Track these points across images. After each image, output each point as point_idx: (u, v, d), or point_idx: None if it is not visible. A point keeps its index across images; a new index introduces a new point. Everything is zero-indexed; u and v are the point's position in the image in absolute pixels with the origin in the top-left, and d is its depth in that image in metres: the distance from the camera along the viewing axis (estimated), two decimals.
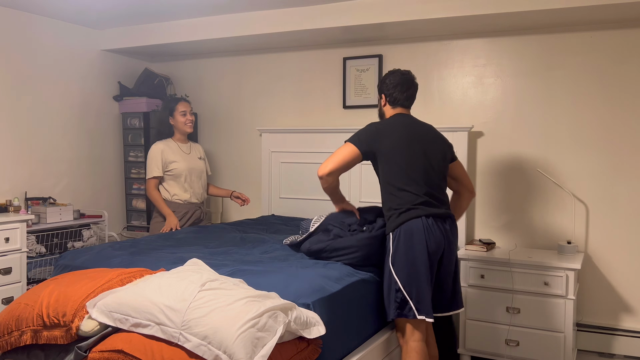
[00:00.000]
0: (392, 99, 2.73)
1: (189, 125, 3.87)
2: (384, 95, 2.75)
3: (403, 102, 2.73)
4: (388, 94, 2.73)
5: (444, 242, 2.57)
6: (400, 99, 2.72)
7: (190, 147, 3.95)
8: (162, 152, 3.79)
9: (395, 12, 3.55)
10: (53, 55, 4.18)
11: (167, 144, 3.86)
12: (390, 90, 2.72)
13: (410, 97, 2.75)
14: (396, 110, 2.74)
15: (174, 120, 3.85)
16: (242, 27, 4.04)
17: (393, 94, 2.72)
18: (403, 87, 2.72)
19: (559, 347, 3.21)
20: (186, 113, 3.84)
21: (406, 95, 2.73)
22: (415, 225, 2.51)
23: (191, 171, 3.86)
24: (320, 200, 4.25)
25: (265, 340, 1.80)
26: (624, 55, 3.47)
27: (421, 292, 2.48)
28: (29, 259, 3.60)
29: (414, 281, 2.48)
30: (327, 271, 2.45)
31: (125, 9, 3.94)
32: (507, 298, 3.32)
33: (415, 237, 2.50)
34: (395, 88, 2.71)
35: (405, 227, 2.52)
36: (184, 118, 3.84)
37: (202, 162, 3.98)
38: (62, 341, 2.01)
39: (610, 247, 3.55)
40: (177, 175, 3.81)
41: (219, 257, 2.76)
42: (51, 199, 4.03)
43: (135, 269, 2.33)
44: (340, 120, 4.30)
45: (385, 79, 2.76)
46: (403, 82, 2.72)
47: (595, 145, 3.56)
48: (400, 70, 2.78)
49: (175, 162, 3.80)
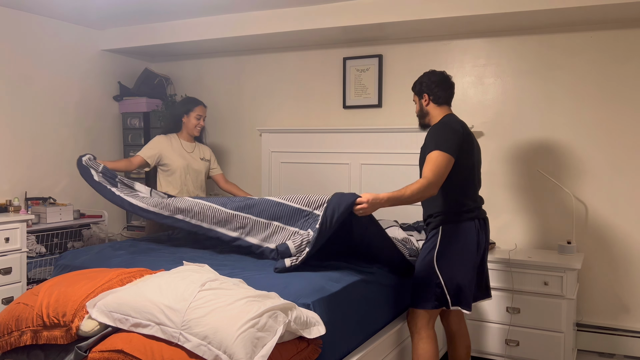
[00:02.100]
0: (436, 97, 2.73)
1: (198, 130, 3.89)
2: (427, 95, 2.74)
3: (447, 99, 2.76)
4: (431, 93, 2.73)
5: (485, 243, 2.73)
6: (444, 97, 2.74)
7: (194, 147, 3.93)
8: (162, 145, 3.79)
9: (395, 12, 3.55)
10: (53, 55, 4.18)
11: (170, 138, 3.85)
12: (434, 90, 2.72)
13: (451, 96, 2.79)
14: (444, 109, 2.74)
15: (187, 119, 3.85)
16: (242, 27, 4.04)
17: (437, 92, 2.72)
18: (445, 85, 2.74)
19: (559, 347, 3.21)
20: (201, 118, 3.87)
21: (449, 94, 2.76)
22: (468, 226, 2.62)
23: (187, 169, 3.82)
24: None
25: (265, 340, 1.80)
26: (624, 55, 3.47)
27: (463, 288, 2.59)
28: (29, 259, 3.60)
29: (457, 278, 2.58)
30: (327, 271, 2.45)
31: (125, 9, 3.94)
32: (507, 298, 3.32)
33: (469, 238, 2.61)
34: (438, 87, 2.72)
35: (458, 227, 2.61)
36: (197, 122, 3.86)
37: (204, 163, 3.95)
38: (62, 341, 2.01)
39: (610, 247, 3.55)
40: (172, 172, 3.78)
41: (219, 257, 2.76)
42: (51, 199, 4.03)
43: (135, 269, 2.33)
44: (340, 120, 4.30)
45: (424, 79, 2.76)
46: (443, 80, 2.74)
47: (596, 145, 3.56)
48: (436, 70, 2.80)
49: (171, 158, 3.77)
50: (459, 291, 2.58)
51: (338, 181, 4.17)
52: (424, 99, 2.75)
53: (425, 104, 2.76)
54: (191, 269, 2.18)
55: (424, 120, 2.80)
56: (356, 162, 4.10)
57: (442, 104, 2.74)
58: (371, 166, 4.05)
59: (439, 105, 2.74)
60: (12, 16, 3.89)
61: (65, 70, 4.28)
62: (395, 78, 4.10)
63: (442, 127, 2.62)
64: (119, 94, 4.71)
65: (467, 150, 2.63)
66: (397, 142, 3.95)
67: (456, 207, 2.62)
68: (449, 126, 2.61)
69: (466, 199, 2.64)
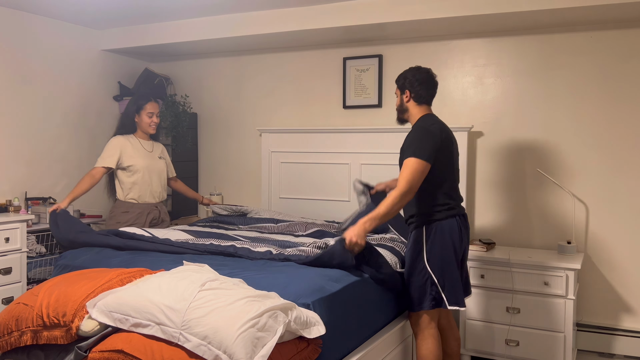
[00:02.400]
0: (418, 96, 2.73)
1: (153, 127, 3.75)
2: (409, 92, 2.74)
3: (428, 99, 2.76)
4: (413, 91, 2.73)
5: (467, 237, 2.76)
6: (425, 96, 2.74)
7: (152, 146, 3.83)
8: (122, 147, 3.67)
9: (395, 12, 3.55)
10: (53, 55, 4.18)
11: (128, 139, 3.73)
12: (416, 88, 2.72)
13: (433, 96, 2.79)
14: (423, 109, 2.75)
15: (139, 118, 3.72)
16: (242, 27, 4.04)
17: (419, 91, 2.72)
18: (429, 85, 2.74)
19: (559, 347, 3.21)
20: (153, 115, 3.72)
21: (431, 93, 2.76)
22: (450, 223, 2.65)
23: (150, 169, 3.72)
24: (320, 200, 4.26)
25: (265, 340, 1.80)
26: (624, 55, 3.47)
27: (455, 285, 2.63)
28: (29, 259, 3.60)
29: (448, 275, 2.63)
30: (327, 271, 2.45)
31: (125, 9, 3.94)
32: (507, 298, 3.32)
33: (453, 235, 2.64)
34: (422, 85, 2.72)
35: (442, 225, 2.64)
36: (149, 119, 3.72)
37: (162, 161, 3.85)
38: (62, 341, 2.01)
39: (610, 247, 3.55)
40: (135, 172, 3.67)
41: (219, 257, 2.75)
42: (51, 199, 4.03)
43: (135, 269, 2.33)
44: (340, 120, 4.30)
45: (408, 75, 2.75)
46: (428, 79, 2.74)
47: (595, 145, 3.56)
48: (422, 67, 2.78)
49: (133, 159, 3.67)
50: (451, 288, 2.62)
51: (338, 181, 4.17)
52: (406, 94, 2.76)
53: (406, 100, 2.76)
54: (191, 269, 2.18)
55: (403, 115, 2.82)
56: (356, 162, 4.10)
57: (423, 103, 2.75)
58: (371, 166, 4.05)
59: (418, 104, 2.75)
60: (12, 16, 3.89)
61: (65, 71, 4.28)
62: (395, 78, 4.08)
63: (420, 131, 2.65)
64: (119, 94, 4.70)
65: (445, 151, 2.66)
66: (397, 142, 3.93)
67: (437, 206, 2.65)
68: (427, 130, 2.63)
69: (446, 197, 2.67)
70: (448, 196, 2.68)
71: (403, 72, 2.79)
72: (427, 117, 2.72)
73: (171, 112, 4.50)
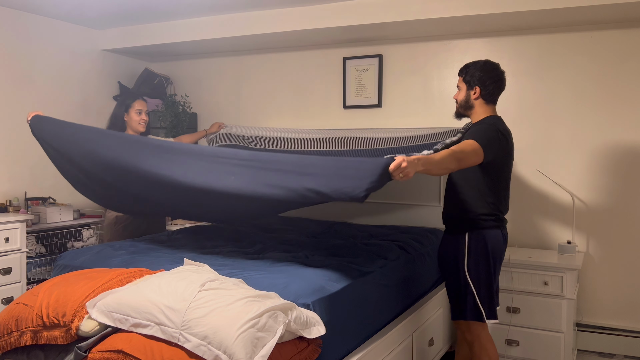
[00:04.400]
0: (488, 95, 2.56)
1: (142, 125, 3.67)
2: (479, 89, 2.55)
3: (495, 100, 2.61)
4: (485, 89, 2.55)
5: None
6: (495, 98, 2.59)
7: None
8: None
9: (395, 12, 3.55)
10: (53, 55, 4.18)
11: None
12: (489, 87, 2.54)
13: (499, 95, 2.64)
14: (490, 109, 2.59)
15: (128, 117, 3.65)
16: (242, 27, 4.04)
17: (492, 90, 2.55)
18: (502, 87, 2.60)
19: (559, 347, 3.21)
20: (141, 112, 3.66)
21: (500, 93, 2.61)
22: (496, 235, 2.54)
23: None
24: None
25: (265, 340, 1.80)
26: (624, 55, 3.47)
27: (493, 298, 2.57)
28: (28, 259, 3.60)
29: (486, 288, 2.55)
30: (327, 271, 2.45)
31: (125, 9, 3.94)
32: (507, 298, 3.32)
33: (497, 247, 2.54)
34: (495, 85, 2.56)
35: (487, 235, 2.52)
36: (138, 117, 3.65)
37: None
38: (62, 341, 2.01)
39: (610, 247, 3.55)
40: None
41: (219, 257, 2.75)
42: (51, 199, 4.03)
43: (135, 269, 2.33)
44: (340, 120, 4.30)
45: (478, 71, 2.55)
46: (502, 81, 2.59)
47: (595, 145, 3.56)
48: (493, 62, 2.60)
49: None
50: (490, 301, 2.55)
51: None
52: (474, 91, 2.56)
53: (474, 97, 2.57)
54: (191, 269, 2.18)
55: (466, 111, 2.63)
56: None
57: (490, 102, 2.59)
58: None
59: (487, 103, 2.58)
60: (12, 16, 3.89)
61: (65, 70, 4.28)
62: (395, 78, 4.10)
63: (488, 128, 2.48)
64: (119, 94, 4.70)
65: (507, 159, 2.55)
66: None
67: (486, 215, 2.52)
68: (496, 127, 2.48)
69: (496, 208, 2.54)
70: (497, 207, 2.54)
71: (473, 65, 2.58)
72: (496, 119, 2.56)
73: (171, 112, 4.50)
